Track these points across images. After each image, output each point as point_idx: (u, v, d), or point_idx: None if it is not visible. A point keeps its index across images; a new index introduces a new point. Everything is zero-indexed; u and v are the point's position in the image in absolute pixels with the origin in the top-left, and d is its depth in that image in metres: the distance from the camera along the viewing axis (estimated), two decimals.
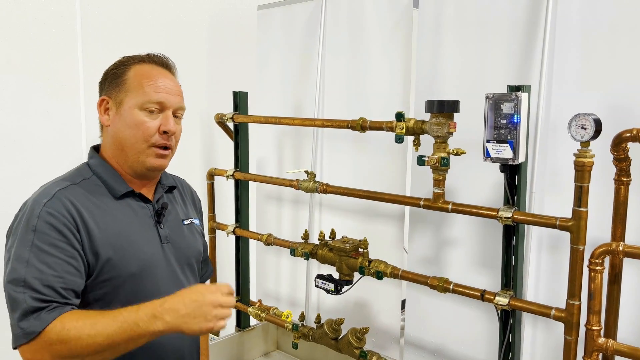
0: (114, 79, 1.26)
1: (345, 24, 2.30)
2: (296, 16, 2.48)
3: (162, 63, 1.29)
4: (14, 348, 1.06)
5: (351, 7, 2.27)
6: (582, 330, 1.40)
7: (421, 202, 1.67)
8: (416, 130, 1.63)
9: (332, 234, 1.97)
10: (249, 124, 2.28)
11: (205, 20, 2.61)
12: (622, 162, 1.37)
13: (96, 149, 1.30)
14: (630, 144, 1.34)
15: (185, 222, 1.38)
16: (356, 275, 1.88)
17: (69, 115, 2.14)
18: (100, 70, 2.17)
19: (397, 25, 2.13)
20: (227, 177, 2.25)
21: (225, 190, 2.52)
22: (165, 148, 1.25)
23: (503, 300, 1.53)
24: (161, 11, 2.42)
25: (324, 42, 2.35)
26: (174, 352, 1.28)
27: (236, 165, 2.27)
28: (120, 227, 1.20)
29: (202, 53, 2.61)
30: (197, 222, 1.43)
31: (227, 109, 2.29)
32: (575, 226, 1.38)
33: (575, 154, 1.36)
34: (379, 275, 1.76)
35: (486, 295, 1.56)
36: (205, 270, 1.56)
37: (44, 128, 2.07)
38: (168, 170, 1.38)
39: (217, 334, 2.38)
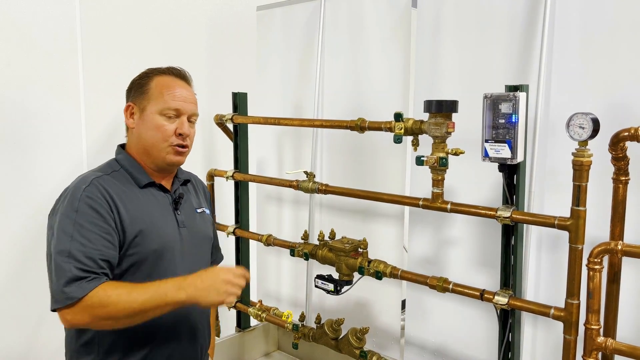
0: (138, 87, 1.46)
1: (344, 24, 2.30)
2: (295, 17, 2.48)
3: (180, 75, 1.49)
4: (53, 310, 1.24)
5: (350, 7, 2.27)
6: (582, 329, 1.40)
7: (420, 202, 1.67)
8: (415, 131, 1.63)
9: (332, 234, 1.97)
10: (249, 124, 2.28)
11: (205, 21, 2.60)
12: (620, 161, 1.38)
13: (122, 146, 1.51)
14: (628, 143, 1.34)
15: (198, 210, 1.56)
16: (356, 275, 1.88)
17: (69, 116, 2.14)
18: (100, 71, 2.21)
19: (396, 25, 2.13)
20: (227, 178, 2.25)
21: (226, 191, 2.52)
22: (182, 147, 1.44)
23: (502, 300, 1.53)
24: (161, 12, 2.41)
25: (324, 42, 2.35)
26: (188, 325, 1.46)
27: (236, 166, 2.28)
28: (144, 211, 1.39)
29: (202, 54, 2.60)
30: (207, 211, 1.61)
31: (227, 109, 2.29)
32: (573, 225, 1.38)
33: (573, 153, 1.36)
34: (379, 275, 1.76)
35: (485, 295, 1.57)
36: (217, 256, 1.75)
37: (44, 129, 2.06)
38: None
39: (218, 334, 2.38)
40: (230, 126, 2.29)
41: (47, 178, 2.04)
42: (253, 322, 2.42)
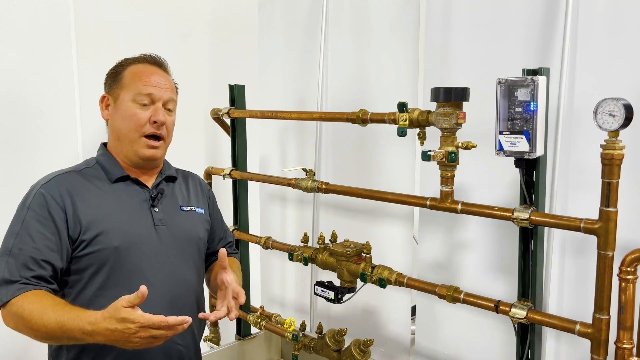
0: (113, 77, 1.41)
1: (348, 11, 2.15)
2: (297, 6, 2.34)
3: (154, 62, 1.43)
4: None
5: None
6: (612, 347, 1.22)
7: (427, 202, 1.50)
8: (421, 122, 1.47)
9: (333, 237, 1.81)
10: (251, 121, 2.14)
11: (206, 15, 2.50)
12: None
13: (105, 144, 1.46)
14: None
15: (185, 208, 1.47)
16: (359, 282, 1.72)
17: (64, 114, 2.06)
18: (96, 68, 2.08)
19: (404, 8, 1.97)
20: (224, 176, 2.12)
21: (228, 190, 2.38)
22: (157, 139, 1.37)
23: (520, 313, 1.35)
24: (160, 6, 2.31)
25: (327, 32, 2.21)
26: None
27: (233, 164, 2.14)
28: (109, 207, 1.32)
29: (204, 48, 2.50)
30: (199, 210, 1.51)
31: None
32: (602, 229, 1.20)
33: (602, 146, 1.18)
34: (382, 283, 1.60)
35: (501, 307, 1.39)
36: (222, 244, 1.65)
37: (38, 128, 1.98)
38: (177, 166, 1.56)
39: (217, 342, 2.25)
40: (228, 121, 2.15)
41: (40, 177, 1.95)
42: (254, 329, 2.29)
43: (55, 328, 1.13)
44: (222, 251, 1.34)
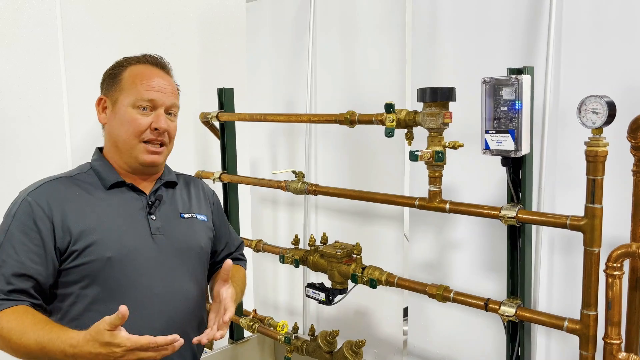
0: (111, 79, 1.32)
1: (336, 11, 2.15)
2: (285, 9, 2.35)
3: (156, 63, 1.34)
4: None
5: None
6: (600, 343, 1.23)
7: (416, 202, 1.51)
8: (408, 123, 1.48)
9: (324, 239, 1.81)
10: (241, 123, 2.14)
11: (195, 19, 2.48)
12: None
13: (101, 149, 1.37)
14: None
15: (185, 215, 1.37)
16: (350, 283, 1.72)
17: (52, 119, 2.03)
18: (84, 70, 2.09)
19: (391, 10, 1.98)
20: (214, 179, 2.11)
21: (220, 193, 2.38)
22: (159, 144, 1.29)
23: (509, 311, 1.36)
24: (148, 8, 2.29)
25: (315, 33, 2.21)
26: (163, 316, 1.26)
27: (223, 167, 2.13)
28: (102, 215, 1.24)
29: (192, 52, 2.48)
30: (201, 217, 1.41)
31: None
32: (588, 225, 1.21)
33: (586, 143, 1.19)
34: (373, 284, 1.60)
35: (490, 305, 1.40)
36: (229, 248, 1.55)
37: (25, 133, 1.96)
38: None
39: (210, 346, 2.24)
40: (218, 124, 2.15)
41: (29, 183, 1.93)
42: (247, 332, 2.28)
43: (35, 349, 1.07)
44: (227, 263, 1.26)
